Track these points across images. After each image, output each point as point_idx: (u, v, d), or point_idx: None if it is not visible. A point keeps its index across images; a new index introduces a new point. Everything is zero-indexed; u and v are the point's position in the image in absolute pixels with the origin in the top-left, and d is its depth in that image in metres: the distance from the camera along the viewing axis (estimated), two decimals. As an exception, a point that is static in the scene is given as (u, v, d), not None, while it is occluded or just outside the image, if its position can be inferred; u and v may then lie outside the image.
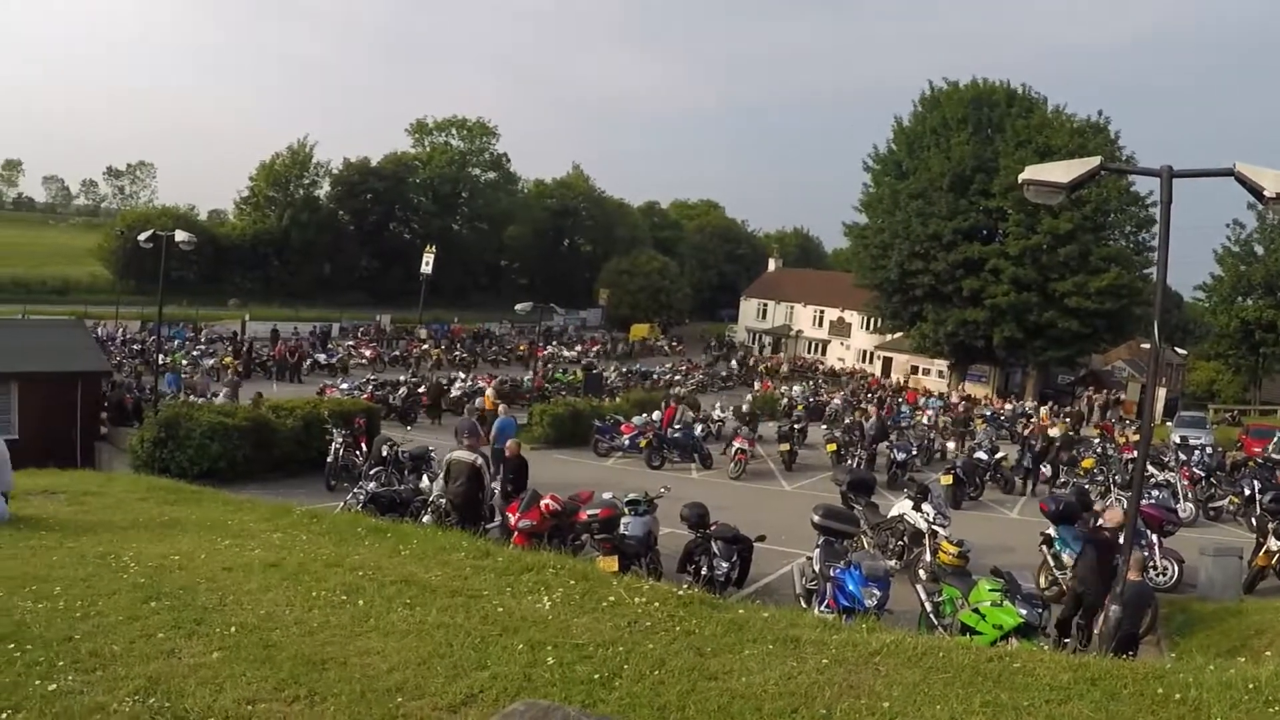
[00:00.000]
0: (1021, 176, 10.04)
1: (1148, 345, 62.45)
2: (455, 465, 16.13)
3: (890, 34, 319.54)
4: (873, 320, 78.56)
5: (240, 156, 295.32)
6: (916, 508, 17.57)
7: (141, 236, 34.20)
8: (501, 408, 27.18)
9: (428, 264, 77.41)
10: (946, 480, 24.52)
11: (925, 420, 43.73)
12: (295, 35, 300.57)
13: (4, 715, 4.29)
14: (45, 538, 8.65)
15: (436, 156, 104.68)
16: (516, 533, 15.22)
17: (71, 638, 5.50)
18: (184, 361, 49.23)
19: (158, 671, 5.02)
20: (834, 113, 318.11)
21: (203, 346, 56.04)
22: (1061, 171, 9.89)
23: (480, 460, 16.42)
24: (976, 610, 11.25)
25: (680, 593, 7.49)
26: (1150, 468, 23.76)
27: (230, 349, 54.23)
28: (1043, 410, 51.87)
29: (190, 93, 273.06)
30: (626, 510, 15.07)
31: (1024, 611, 10.86)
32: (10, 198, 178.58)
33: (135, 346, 53.01)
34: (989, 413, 51.05)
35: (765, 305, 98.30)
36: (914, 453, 30.29)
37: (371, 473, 19.58)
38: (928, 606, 12.39)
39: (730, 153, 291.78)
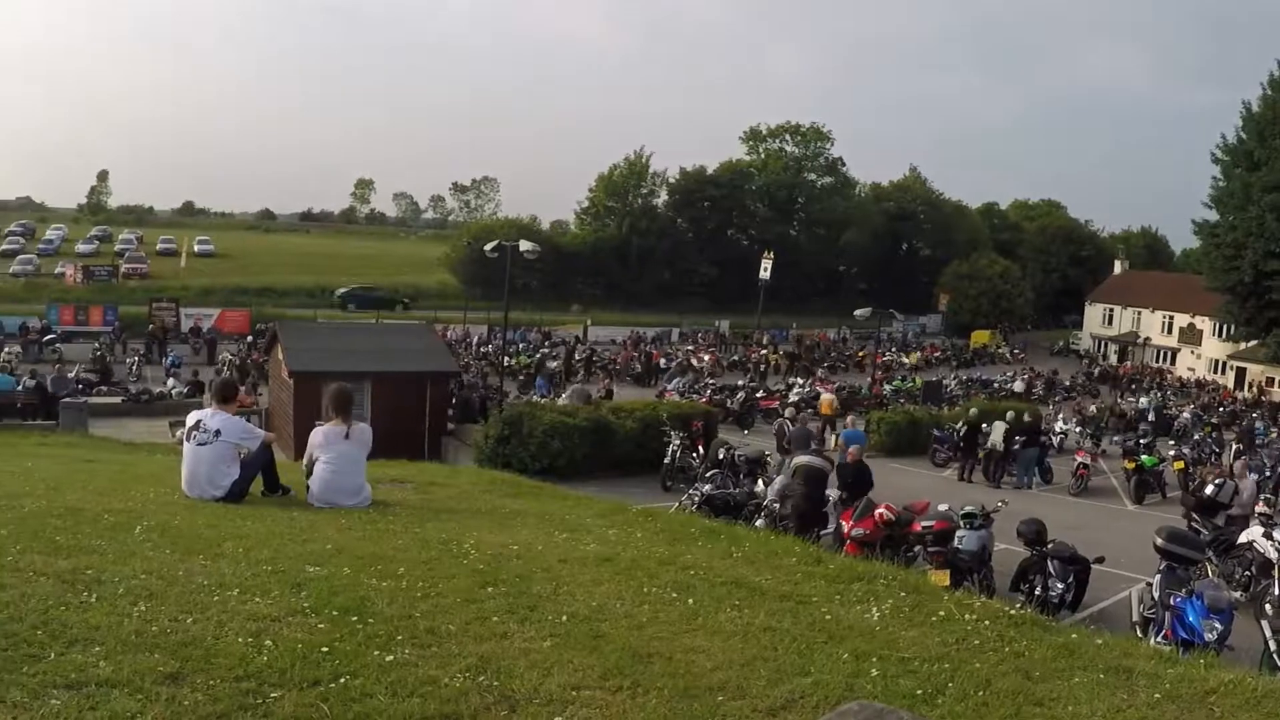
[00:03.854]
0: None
1: None
2: (806, 470, 16.46)
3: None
4: (1225, 327, 72.48)
5: (578, 169, 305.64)
6: (1268, 535, 16.14)
7: (487, 246, 35.76)
8: (851, 418, 27.24)
9: (765, 270, 77.77)
10: (1305, 506, 22.49)
11: None
12: (640, 47, 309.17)
13: (343, 680, 4.52)
14: (393, 522, 9.08)
15: (771, 163, 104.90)
16: (849, 541, 15.05)
17: (411, 615, 5.72)
18: (525, 360, 51.30)
19: (489, 652, 5.16)
20: (1178, 100, 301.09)
21: (546, 349, 58.19)
22: None
23: (830, 467, 16.61)
24: None
25: (1012, 612, 7.17)
26: None
27: (568, 352, 56.18)
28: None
29: (529, 109, 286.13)
30: (962, 523, 14.61)
31: (1376, 659, 9.80)
32: (364, 213, 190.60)
33: (483, 349, 55.54)
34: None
35: (1111, 311, 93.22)
36: (1268, 474, 27.84)
37: (707, 475, 19.69)
38: (1272, 645, 11.33)
39: (1072, 149, 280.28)
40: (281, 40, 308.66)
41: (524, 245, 33.88)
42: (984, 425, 29.04)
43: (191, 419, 10.00)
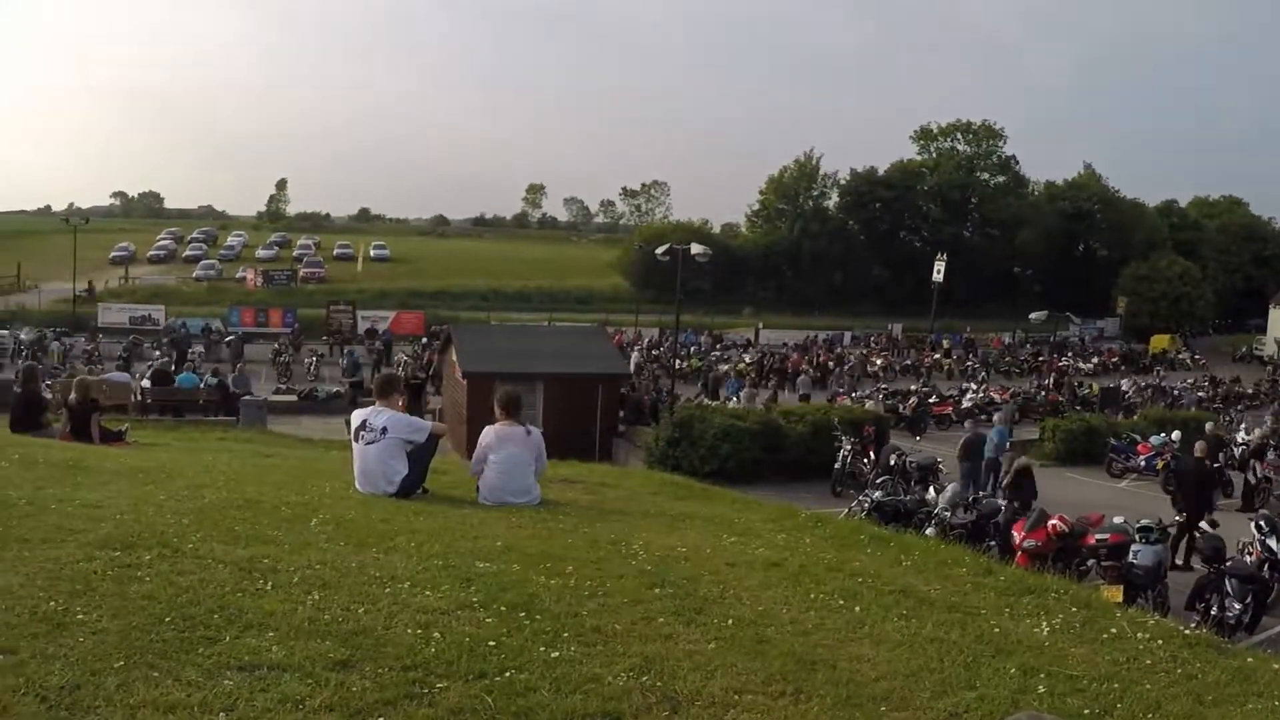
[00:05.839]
0: None
1: None
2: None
3: None
4: None
5: (750, 171, 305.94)
6: None
7: (659, 250, 36.01)
8: (997, 416, 26.82)
9: (938, 272, 76.54)
10: None
11: None
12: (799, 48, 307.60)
13: (508, 674, 4.58)
14: (563, 521, 9.16)
15: (943, 162, 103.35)
16: (1021, 552, 14.75)
17: (578, 613, 5.75)
18: (696, 364, 51.47)
19: (654, 653, 5.17)
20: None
21: (718, 352, 58.31)
22: None
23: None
24: None
25: (1186, 632, 6.90)
26: None
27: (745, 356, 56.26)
28: None
29: (699, 111, 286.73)
30: (1137, 537, 14.18)
31: None
32: (535, 218, 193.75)
33: (654, 352, 55.87)
34: None
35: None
36: None
37: (878, 481, 19.50)
38: None
39: (1252, 144, 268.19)
40: (453, 48, 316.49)
41: (695, 248, 34.05)
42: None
43: (356, 419, 10.18)
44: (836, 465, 23.54)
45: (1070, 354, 71.07)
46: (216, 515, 7.66)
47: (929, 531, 15.51)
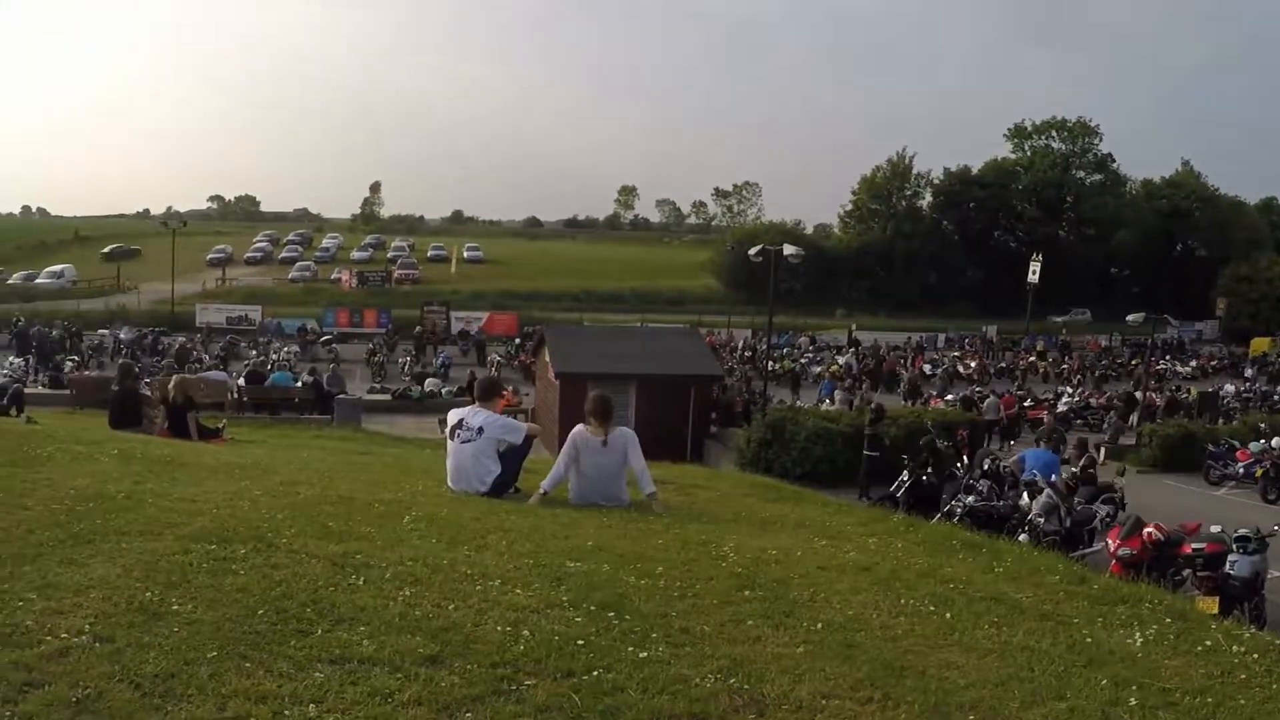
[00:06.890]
0: None
1: None
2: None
3: None
4: None
5: (842, 171, 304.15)
6: None
7: (751, 251, 35.94)
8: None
9: (1034, 273, 75.53)
10: None
11: None
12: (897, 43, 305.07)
13: (596, 673, 4.61)
14: (654, 522, 9.16)
15: (1038, 161, 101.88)
16: (1114, 560, 14.52)
17: (667, 614, 5.76)
18: (789, 365, 51.24)
19: (742, 655, 5.16)
20: None
21: (810, 354, 58.11)
22: None
23: None
24: None
25: (1282, 645, 6.74)
26: None
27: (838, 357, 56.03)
28: None
29: (789, 114, 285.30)
30: (1235, 547, 13.84)
31: None
32: (627, 219, 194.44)
33: (747, 354, 55.83)
34: None
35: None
36: None
37: (972, 486, 19.28)
38: None
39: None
40: (546, 50, 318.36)
41: (788, 250, 33.91)
42: None
43: (453, 417, 10.28)
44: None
45: (1168, 355, 69.74)
46: (311, 511, 7.78)
47: (1022, 538, 15.31)
